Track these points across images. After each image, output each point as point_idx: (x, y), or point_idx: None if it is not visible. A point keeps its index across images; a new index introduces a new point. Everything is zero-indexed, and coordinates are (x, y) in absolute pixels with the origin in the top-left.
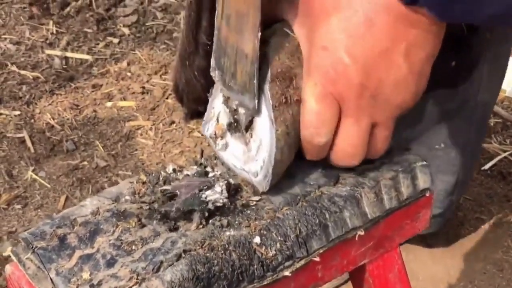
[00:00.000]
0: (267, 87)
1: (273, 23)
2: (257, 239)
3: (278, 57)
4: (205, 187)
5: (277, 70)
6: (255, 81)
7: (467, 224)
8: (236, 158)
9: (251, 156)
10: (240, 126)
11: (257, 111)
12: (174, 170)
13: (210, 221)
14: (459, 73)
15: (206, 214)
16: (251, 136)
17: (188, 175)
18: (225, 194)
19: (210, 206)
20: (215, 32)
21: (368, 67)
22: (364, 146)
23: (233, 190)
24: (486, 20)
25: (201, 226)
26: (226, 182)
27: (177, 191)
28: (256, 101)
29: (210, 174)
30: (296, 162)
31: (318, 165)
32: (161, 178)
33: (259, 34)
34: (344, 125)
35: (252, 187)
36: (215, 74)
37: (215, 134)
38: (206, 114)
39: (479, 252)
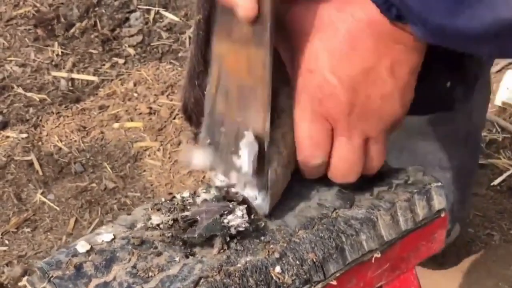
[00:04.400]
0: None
1: None
2: (274, 265)
3: None
4: (225, 212)
5: None
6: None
7: (477, 240)
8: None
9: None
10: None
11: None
12: (190, 195)
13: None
14: (455, 95)
15: (228, 239)
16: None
17: (206, 200)
18: (246, 218)
19: (232, 231)
20: (207, 103)
21: (354, 85)
22: (359, 163)
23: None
24: (473, 46)
25: (222, 250)
26: (246, 206)
27: (197, 216)
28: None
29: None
30: (311, 184)
31: (333, 187)
32: (177, 204)
33: (269, 113)
34: (337, 143)
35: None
36: (205, 145)
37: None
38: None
39: (490, 269)
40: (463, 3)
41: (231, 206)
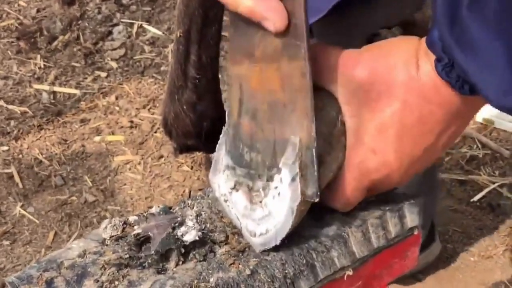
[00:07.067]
0: (297, 178)
1: None
2: (245, 282)
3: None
4: (177, 224)
5: None
6: (315, 168)
7: (456, 256)
8: (234, 206)
9: (253, 218)
10: (249, 185)
11: (317, 196)
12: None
13: (191, 258)
14: None
15: (183, 251)
16: (260, 202)
17: (153, 214)
18: (197, 226)
19: (186, 243)
20: (227, 130)
21: (411, 165)
22: None
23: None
24: None
25: (180, 263)
26: (195, 214)
27: (149, 233)
28: (317, 188)
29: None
30: None
31: None
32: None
33: (314, 118)
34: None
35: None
36: (234, 172)
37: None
38: (213, 163)
39: (469, 285)
40: None
41: (179, 217)
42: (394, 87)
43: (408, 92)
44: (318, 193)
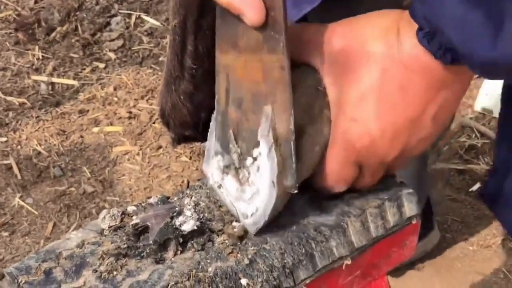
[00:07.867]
0: (273, 149)
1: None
2: (243, 271)
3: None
4: (175, 214)
5: None
6: (293, 160)
7: (455, 245)
8: (227, 192)
9: (244, 198)
10: (235, 166)
11: (296, 188)
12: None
13: (189, 248)
14: None
15: (181, 240)
16: (247, 180)
17: (151, 204)
18: (195, 216)
19: (184, 232)
20: (216, 117)
21: (396, 134)
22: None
23: (219, 220)
24: None
25: (178, 252)
26: (193, 203)
27: (147, 222)
28: (295, 179)
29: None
30: None
31: (304, 194)
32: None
33: (292, 111)
34: (360, 177)
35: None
36: (221, 159)
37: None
38: (206, 152)
39: (468, 274)
40: (503, 29)
41: (177, 206)
42: (372, 55)
43: (387, 60)
44: (297, 185)
